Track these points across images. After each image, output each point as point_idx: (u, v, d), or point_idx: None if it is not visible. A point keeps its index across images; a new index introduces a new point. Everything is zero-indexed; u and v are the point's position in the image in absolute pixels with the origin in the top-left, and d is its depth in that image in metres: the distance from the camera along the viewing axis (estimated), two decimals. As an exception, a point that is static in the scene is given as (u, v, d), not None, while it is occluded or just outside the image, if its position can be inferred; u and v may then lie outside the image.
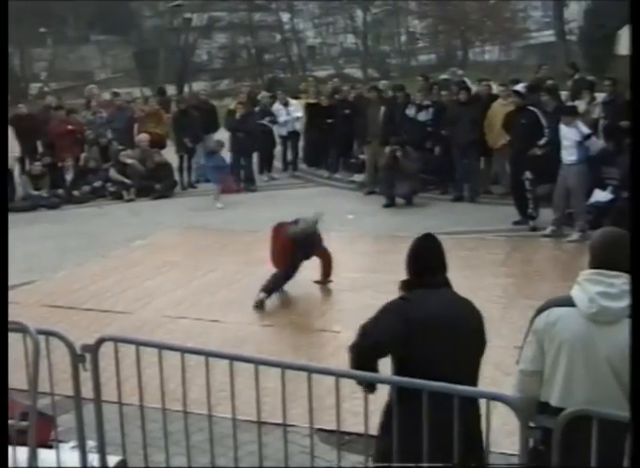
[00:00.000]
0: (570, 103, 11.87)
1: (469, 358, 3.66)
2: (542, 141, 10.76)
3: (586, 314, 3.26)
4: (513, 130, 11.29)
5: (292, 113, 16.18)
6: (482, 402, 3.34)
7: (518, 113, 11.22)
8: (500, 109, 12.28)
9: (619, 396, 3.19)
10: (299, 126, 16.30)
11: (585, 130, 10.37)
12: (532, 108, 11.24)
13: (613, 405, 3.14)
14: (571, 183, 10.31)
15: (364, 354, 3.62)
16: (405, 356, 3.57)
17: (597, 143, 10.34)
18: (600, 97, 12.86)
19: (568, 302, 3.33)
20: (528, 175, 10.82)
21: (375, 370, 3.64)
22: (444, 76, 17.71)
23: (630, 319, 3.08)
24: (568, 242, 10.18)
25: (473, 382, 3.64)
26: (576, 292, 3.33)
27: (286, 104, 16.31)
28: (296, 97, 16.94)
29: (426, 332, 3.53)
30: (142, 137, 15.10)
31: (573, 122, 10.29)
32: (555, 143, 10.58)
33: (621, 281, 3.25)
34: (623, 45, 21.58)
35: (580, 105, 12.32)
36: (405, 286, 3.80)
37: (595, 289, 3.26)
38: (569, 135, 10.25)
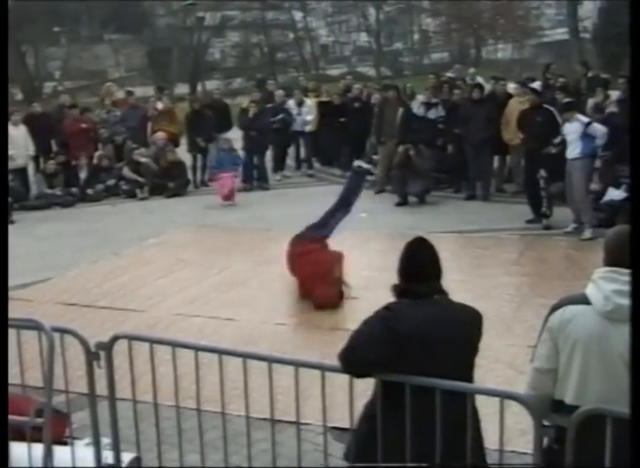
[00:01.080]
0: (567, 100, 11.75)
1: (459, 370, 3.43)
2: (558, 140, 10.73)
3: (601, 312, 3.25)
4: (528, 128, 11.25)
5: (303, 114, 16.16)
6: (495, 400, 3.33)
7: (534, 111, 11.20)
8: (516, 107, 12.26)
9: (633, 394, 3.18)
10: (308, 128, 16.29)
11: (584, 119, 10.35)
12: (548, 106, 11.21)
13: (627, 403, 3.12)
14: (574, 178, 10.29)
15: (358, 373, 3.49)
16: (390, 367, 3.41)
17: (600, 129, 10.23)
18: (614, 94, 12.81)
19: (582, 300, 3.32)
20: (542, 173, 10.78)
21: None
22: (449, 74, 17.71)
23: (630, 319, 3.06)
24: (581, 240, 10.15)
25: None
26: (590, 290, 3.32)
27: (300, 104, 16.29)
28: (304, 96, 16.94)
29: (410, 345, 3.37)
30: (159, 136, 15.12)
31: (573, 117, 10.29)
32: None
33: (637, 279, 3.24)
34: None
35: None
36: (395, 292, 3.63)
37: (610, 286, 3.25)
38: (571, 129, 10.24)
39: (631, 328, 3.01)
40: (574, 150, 10.21)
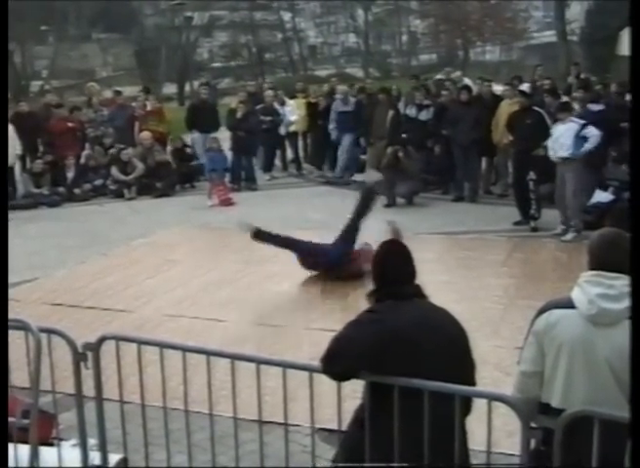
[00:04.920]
0: (563, 101, 11.77)
1: (448, 372, 3.38)
2: (548, 142, 10.77)
3: (586, 316, 3.26)
4: (518, 130, 11.27)
5: (287, 114, 16.14)
6: (483, 402, 3.34)
7: (523, 113, 11.22)
8: (506, 109, 12.30)
9: (618, 397, 3.19)
10: (294, 127, 16.28)
11: (580, 121, 10.33)
12: (537, 109, 11.25)
13: (612, 406, 3.14)
14: (566, 180, 10.32)
15: (340, 378, 3.50)
16: (377, 371, 3.38)
17: (594, 132, 10.21)
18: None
19: (568, 304, 3.33)
20: (532, 175, 10.80)
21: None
22: (439, 76, 17.75)
23: (630, 319, 3.07)
24: (562, 242, 10.18)
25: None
26: (576, 294, 3.33)
27: (283, 104, 16.27)
28: (293, 97, 16.93)
29: (399, 348, 3.34)
30: (145, 136, 15.09)
31: (568, 118, 10.31)
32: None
33: (621, 282, 3.25)
34: (625, 45, 21.57)
35: (575, 106, 12.26)
36: (373, 296, 3.59)
37: (595, 290, 3.26)
38: (565, 130, 10.25)
39: (631, 327, 3.01)
40: (565, 151, 10.24)
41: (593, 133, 10.17)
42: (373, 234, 9.66)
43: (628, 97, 10.59)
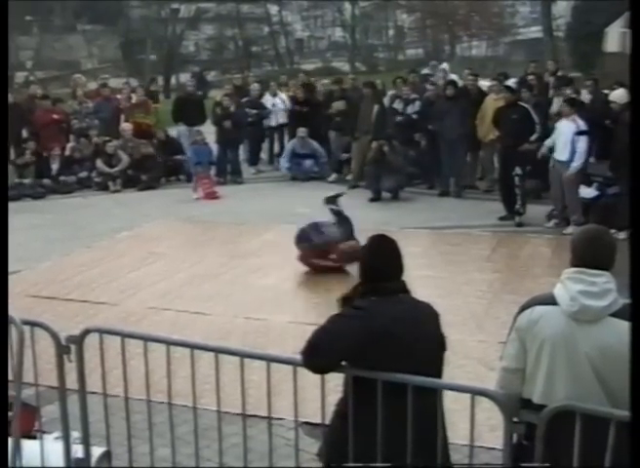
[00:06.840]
0: (570, 97, 11.74)
1: (430, 367, 3.43)
2: (534, 137, 10.78)
3: (568, 312, 3.26)
4: (503, 125, 11.27)
5: (277, 105, 16.09)
6: (466, 396, 3.35)
7: (509, 109, 11.23)
8: (492, 104, 12.31)
9: (599, 394, 3.21)
10: (282, 119, 16.24)
11: (582, 125, 10.29)
12: (523, 104, 11.27)
13: (593, 403, 3.16)
14: (564, 178, 10.35)
15: (320, 371, 3.50)
16: (359, 365, 3.39)
17: (582, 147, 10.20)
18: (583, 94, 12.85)
19: (550, 300, 3.34)
20: (518, 170, 10.82)
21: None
22: (425, 71, 17.74)
23: (631, 319, 3.07)
24: (563, 234, 10.18)
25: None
26: (558, 291, 3.34)
27: (274, 95, 16.22)
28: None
29: (381, 344, 3.34)
30: (125, 127, 15.02)
31: (572, 115, 10.27)
32: (542, 139, 10.63)
33: (603, 280, 3.26)
34: (610, 42, 21.71)
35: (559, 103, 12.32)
36: (358, 292, 3.56)
37: (577, 287, 3.26)
38: (565, 128, 10.24)
39: (631, 327, 3.02)
40: (564, 153, 10.25)
41: (581, 145, 10.15)
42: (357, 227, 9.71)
43: (612, 95, 10.66)
